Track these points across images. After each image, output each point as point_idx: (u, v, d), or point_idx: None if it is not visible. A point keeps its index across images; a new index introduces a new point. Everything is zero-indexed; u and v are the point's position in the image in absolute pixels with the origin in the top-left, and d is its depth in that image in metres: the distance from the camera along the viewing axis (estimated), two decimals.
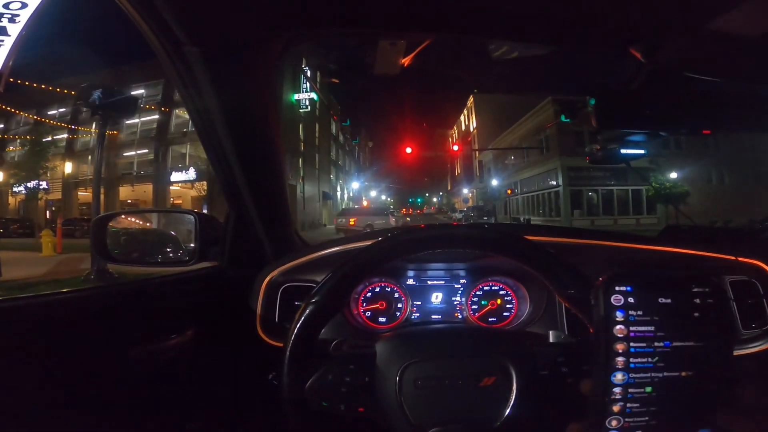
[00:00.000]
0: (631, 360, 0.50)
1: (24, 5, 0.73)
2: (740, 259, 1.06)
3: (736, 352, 0.99)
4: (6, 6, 0.84)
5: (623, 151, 1.09)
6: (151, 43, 0.78)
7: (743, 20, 0.74)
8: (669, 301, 0.50)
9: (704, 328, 0.50)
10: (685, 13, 0.78)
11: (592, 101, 0.94)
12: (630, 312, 0.49)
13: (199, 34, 0.76)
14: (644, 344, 0.49)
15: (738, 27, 0.76)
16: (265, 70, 0.92)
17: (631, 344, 0.49)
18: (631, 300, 0.50)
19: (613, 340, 0.50)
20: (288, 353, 0.62)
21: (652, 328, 0.49)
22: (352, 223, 18.05)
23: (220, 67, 0.83)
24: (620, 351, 0.50)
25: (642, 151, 1.11)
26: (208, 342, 1.02)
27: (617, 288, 0.50)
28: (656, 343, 0.49)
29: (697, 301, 0.50)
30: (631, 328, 0.49)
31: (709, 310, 0.50)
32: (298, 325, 0.63)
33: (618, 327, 0.50)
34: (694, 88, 0.96)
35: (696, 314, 0.50)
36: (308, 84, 27.61)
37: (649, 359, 0.50)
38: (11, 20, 0.73)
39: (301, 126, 28.57)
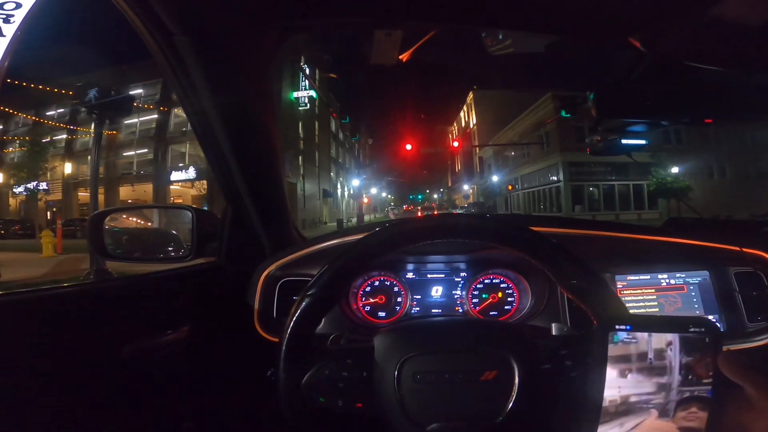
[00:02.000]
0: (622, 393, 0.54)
1: (18, 5, 0.72)
2: (745, 250, 1.05)
3: (741, 346, 0.98)
4: (0, 6, 0.83)
5: (624, 141, 1.08)
6: (141, 34, 0.76)
7: (743, 8, 0.73)
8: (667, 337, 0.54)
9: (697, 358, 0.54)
10: (685, 1, 0.77)
11: (592, 96, 0.93)
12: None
13: (190, 23, 0.74)
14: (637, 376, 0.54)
15: (738, 15, 0.75)
16: (260, 60, 0.91)
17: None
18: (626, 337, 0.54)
19: (606, 374, 0.54)
20: (284, 348, 0.61)
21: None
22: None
23: (213, 57, 0.82)
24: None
25: (643, 141, 1.10)
26: (205, 338, 1.01)
27: (617, 327, 0.55)
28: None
29: (695, 337, 0.54)
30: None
31: (703, 345, 0.54)
32: (293, 319, 0.62)
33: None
34: (694, 77, 0.95)
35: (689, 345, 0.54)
36: (307, 82, 27.57)
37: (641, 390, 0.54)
38: (6, 20, 0.72)
39: (300, 124, 28.58)
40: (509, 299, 1.13)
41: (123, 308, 0.84)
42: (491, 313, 1.12)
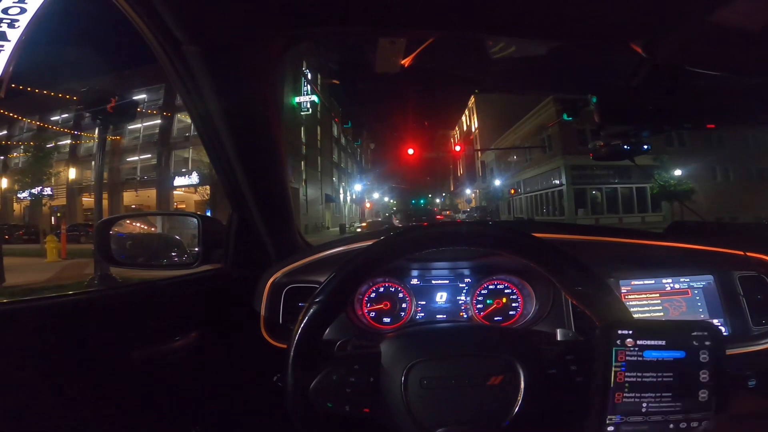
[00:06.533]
0: (625, 397, 0.55)
1: (23, 10, 0.73)
2: (748, 254, 1.05)
3: (746, 349, 0.98)
4: (5, 11, 0.84)
5: (627, 146, 1.08)
6: (149, 42, 0.78)
7: (744, 13, 0.74)
8: (663, 343, 0.55)
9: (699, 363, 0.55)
10: (686, 6, 0.77)
11: (594, 99, 0.93)
12: (628, 354, 0.55)
13: (198, 33, 0.75)
14: (640, 380, 0.55)
15: (739, 20, 0.75)
16: (265, 69, 0.92)
17: (627, 380, 0.55)
18: (629, 341, 0.55)
19: (611, 379, 0.55)
20: (292, 354, 0.62)
21: (647, 367, 0.55)
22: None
23: (220, 66, 0.83)
24: (617, 389, 0.55)
25: (646, 146, 1.10)
26: (212, 344, 1.01)
27: (620, 332, 0.55)
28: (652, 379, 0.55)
29: (695, 343, 0.55)
30: (627, 373, 0.55)
31: (705, 350, 0.55)
32: (301, 326, 0.63)
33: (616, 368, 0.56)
34: (696, 82, 0.95)
35: (692, 352, 0.55)
36: (309, 86, 27.65)
37: (644, 394, 0.55)
38: (10, 25, 0.73)
39: (302, 129, 28.63)
40: (513, 305, 1.14)
41: (133, 315, 0.85)
42: (496, 318, 1.13)
